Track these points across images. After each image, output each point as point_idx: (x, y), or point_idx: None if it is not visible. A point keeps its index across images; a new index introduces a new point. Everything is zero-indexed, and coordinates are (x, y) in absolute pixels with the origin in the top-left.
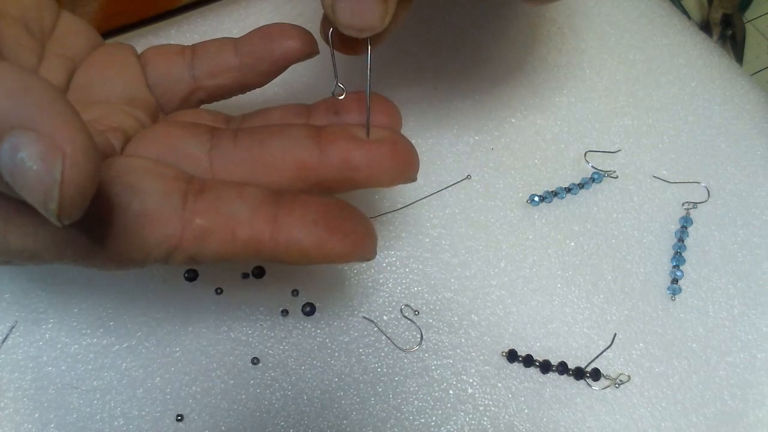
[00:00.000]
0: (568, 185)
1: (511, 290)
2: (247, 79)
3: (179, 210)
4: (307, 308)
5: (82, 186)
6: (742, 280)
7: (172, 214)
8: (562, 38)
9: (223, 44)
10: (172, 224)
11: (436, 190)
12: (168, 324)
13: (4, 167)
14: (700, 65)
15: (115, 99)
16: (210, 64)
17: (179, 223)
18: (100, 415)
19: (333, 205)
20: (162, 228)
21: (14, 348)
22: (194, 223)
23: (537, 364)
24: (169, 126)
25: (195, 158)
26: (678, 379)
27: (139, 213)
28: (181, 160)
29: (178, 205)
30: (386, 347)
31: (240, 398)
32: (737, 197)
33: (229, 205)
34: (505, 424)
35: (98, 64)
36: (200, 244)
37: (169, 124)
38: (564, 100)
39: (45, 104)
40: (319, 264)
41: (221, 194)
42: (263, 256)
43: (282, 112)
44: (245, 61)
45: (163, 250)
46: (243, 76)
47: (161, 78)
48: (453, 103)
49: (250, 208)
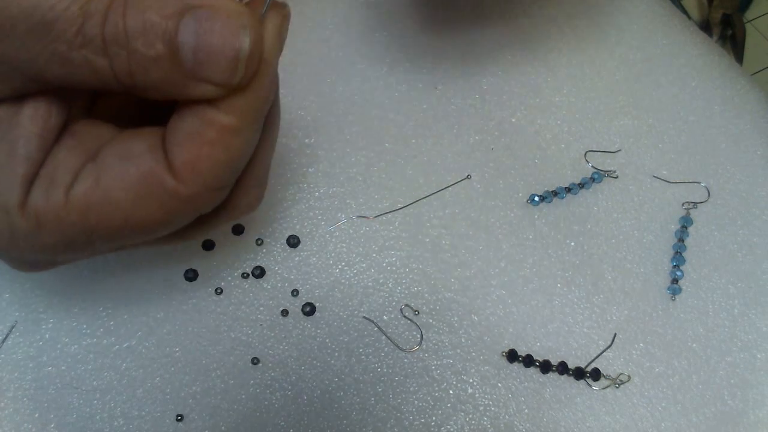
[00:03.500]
0: (568, 185)
1: (511, 290)
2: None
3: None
4: (307, 308)
5: (258, 51)
6: (742, 280)
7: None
8: (562, 38)
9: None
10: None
11: (436, 190)
12: (168, 324)
13: (186, 44)
14: (700, 65)
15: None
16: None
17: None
18: (100, 415)
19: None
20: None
21: (14, 348)
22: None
23: (537, 364)
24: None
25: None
26: (678, 379)
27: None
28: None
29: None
30: (386, 347)
31: (240, 398)
32: (737, 197)
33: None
34: (505, 424)
35: None
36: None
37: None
38: (564, 100)
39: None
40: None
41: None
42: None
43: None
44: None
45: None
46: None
47: None
48: (453, 103)
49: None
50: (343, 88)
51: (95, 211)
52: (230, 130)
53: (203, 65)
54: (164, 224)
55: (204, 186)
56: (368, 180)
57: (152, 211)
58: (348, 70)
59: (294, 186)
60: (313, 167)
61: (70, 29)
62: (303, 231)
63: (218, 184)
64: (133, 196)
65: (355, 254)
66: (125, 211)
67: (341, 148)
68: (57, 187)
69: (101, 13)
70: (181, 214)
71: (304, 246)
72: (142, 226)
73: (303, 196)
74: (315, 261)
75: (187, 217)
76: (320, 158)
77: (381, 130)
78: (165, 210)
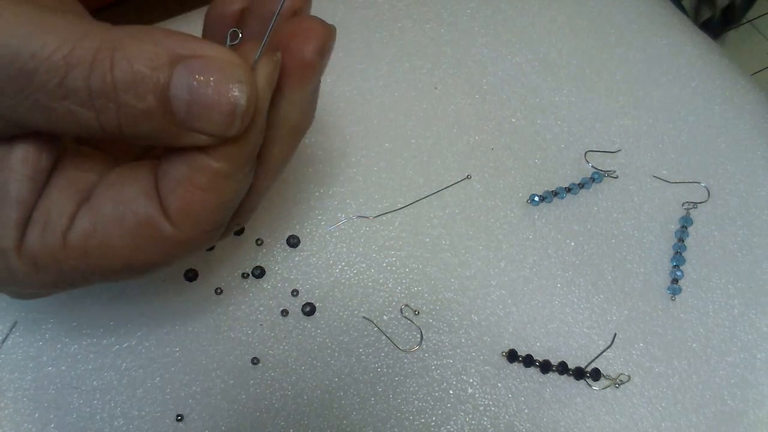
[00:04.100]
0: (568, 185)
1: (511, 290)
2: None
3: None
4: (307, 308)
5: (254, 101)
6: (742, 280)
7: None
8: (562, 38)
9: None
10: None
11: (436, 190)
12: (168, 324)
13: (179, 94)
14: (700, 65)
15: None
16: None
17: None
18: (100, 415)
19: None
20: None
21: (14, 348)
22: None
23: (537, 364)
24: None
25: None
26: (678, 379)
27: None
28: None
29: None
30: (386, 347)
31: (240, 398)
32: (737, 197)
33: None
34: (505, 424)
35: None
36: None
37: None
38: (564, 100)
39: (197, 39)
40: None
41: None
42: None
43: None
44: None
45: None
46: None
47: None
48: (453, 103)
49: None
50: (343, 88)
51: (94, 255)
52: (221, 176)
53: (198, 119)
54: (161, 265)
55: (199, 230)
56: (368, 180)
57: (150, 255)
58: (348, 70)
59: (294, 186)
60: (313, 167)
61: (51, 80)
62: (303, 231)
63: (213, 227)
64: (131, 242)
65: (355, 254)
66: (123, 256)
67: (341, 148)
68: (53, 230)
69: (86, 64)
70: (177, 256)
71: (304, 246)
72: (139, 268)
73: (303, 196)
74: (315, 261)
75: (183, 257)
76: (320, 158)
77: (381, 130)
78: (162, 253)
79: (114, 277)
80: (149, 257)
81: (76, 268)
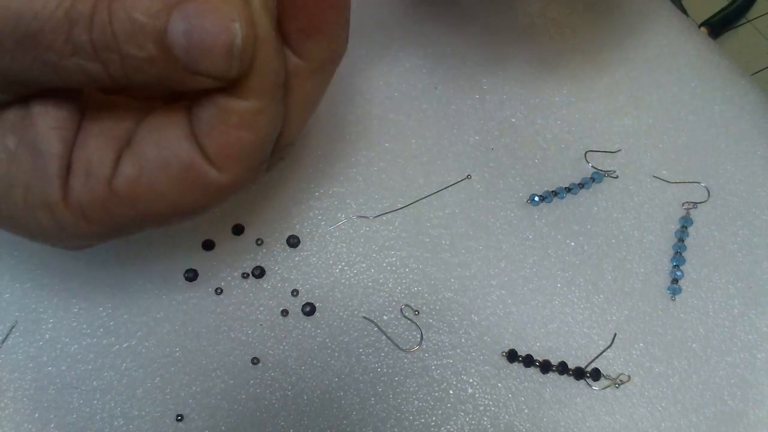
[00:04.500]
0: (568, 185)
1: (511, 290)
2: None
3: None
4: (307, 308)
5: (252, 39)
6: (742, 280)
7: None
8: (562, 38)
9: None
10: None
11: (436, 190)
12: (168, 324)
13: (177, 39)
14: (700, 65)
15: None
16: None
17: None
18: (100, 415)
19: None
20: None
21: (14, 348)
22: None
23: (537, 364)
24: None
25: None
26: (678, 379)
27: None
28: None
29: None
30: (386, 347)
31: (240, 398)
32: (737, 197)
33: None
34: (505, 424)
35: None
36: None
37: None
38: (564, 100)
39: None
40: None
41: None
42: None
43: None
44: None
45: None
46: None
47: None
48: (453, 103)
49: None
50: (343, 88)
51: (142, 201)
52: (252, 111)
53: (198, 62)
54: (208, 208)
55: (243, 169)
56: (368, 180)
57: (197, 198)
58: (348, 70)
59: (294, 186)
60: (313, 167)
61: (58, 38)
62: (303, 231)
63: (256, 164)
64: (178, 188)
65: (355, 254)
66: (171, 200)
67: (341, 148)
68: (97, 178)
69: (87, 17)
70: (224, 197)
71: (304, 246)
72: (187, 212)
73: (303, 196)
74: (315, 261)
75: (229, 197)
76: (320, 158)
77: (381, 130)
78: (209, 196)
79: (163, 222)
80: (197, 200)
81: (126, 215)
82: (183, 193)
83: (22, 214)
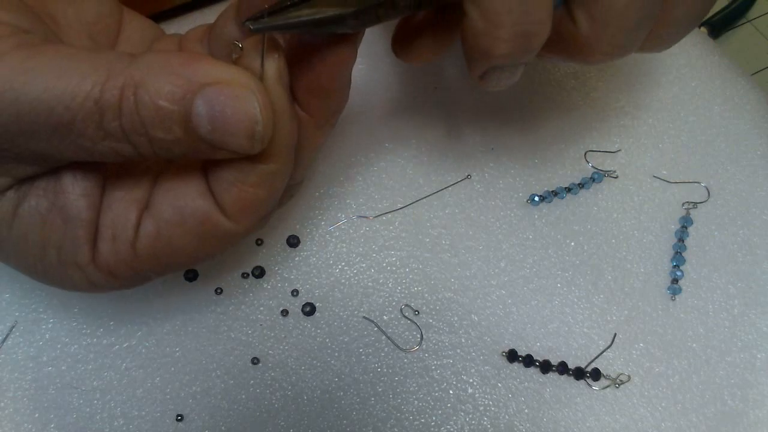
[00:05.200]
0: (568, 185)
1: (511, 290)
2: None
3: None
4: (307, 308)
5: (271, 122)
6: (742, 280)
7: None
8: None
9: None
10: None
11: (436, 190)
12: (168, 324)
13: (201, 123)
14: (700, 65)
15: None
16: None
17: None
18: (100, 415)
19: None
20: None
21: (14, 348)
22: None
23: (537, 364)
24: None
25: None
26: (678, 379)
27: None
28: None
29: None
30: (386, 347)
31: (240, 398)
32: (737, 197)
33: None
34: (505, 424)
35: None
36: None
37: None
38: (564, 100)
39: (210, 61)
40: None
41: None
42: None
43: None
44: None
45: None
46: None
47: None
48: (453, 103)
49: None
50: None
51: (162, 256)
52: (269, 173)
53: (222, 143)
54: (220, 252)
55: (256, 219)
56: (368, 180)
57: (212, 247)
58: None
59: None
60: (313, 167)
61: (90, 126)
62: (303, 231)
63: (264, 214)
64: (195, 241)
65: (355, 254)
66: (189, 252)
67: (341, 148)
68: (122, 241)
69: (116, 105)
70: (234, 243)
71: (304, 246)
72: (204, 259)
73: (303, 196)
74: (315, 261)
75: (238, 242)
76: (320, 158)
77: (381, 130)
78: (222, 245)
79: (182, 269)
80: (211, 249)
81: (150, 270)
82: (200, 245)
83: (56, 272)
